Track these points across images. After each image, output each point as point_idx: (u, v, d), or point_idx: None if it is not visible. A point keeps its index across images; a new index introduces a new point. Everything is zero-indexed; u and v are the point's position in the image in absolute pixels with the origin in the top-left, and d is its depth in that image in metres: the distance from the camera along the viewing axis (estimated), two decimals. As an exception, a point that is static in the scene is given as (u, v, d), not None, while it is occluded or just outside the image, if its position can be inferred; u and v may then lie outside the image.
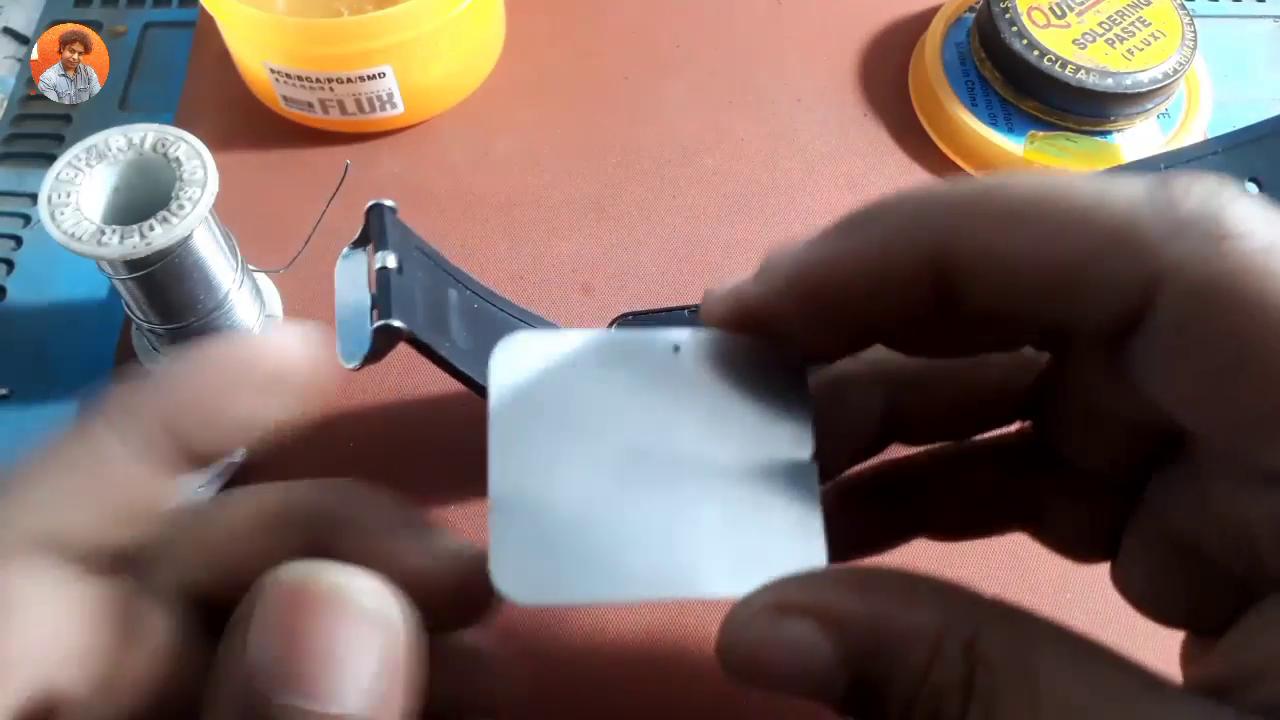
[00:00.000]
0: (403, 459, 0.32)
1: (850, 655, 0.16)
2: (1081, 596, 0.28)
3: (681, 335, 0.19)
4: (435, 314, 0.25)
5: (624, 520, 0.17)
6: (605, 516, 0.17)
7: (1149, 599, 0.20)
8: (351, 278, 0.25)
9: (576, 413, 0.18)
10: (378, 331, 0.23)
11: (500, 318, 0.29)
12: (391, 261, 0.24)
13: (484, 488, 0.17)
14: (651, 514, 0.17)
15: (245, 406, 0.16)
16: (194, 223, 0.29)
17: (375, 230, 0.25)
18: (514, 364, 0.18)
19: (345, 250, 0.25)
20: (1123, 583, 0.20)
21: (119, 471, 0.15)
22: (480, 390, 0.26)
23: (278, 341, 0.17)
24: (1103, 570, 0.21)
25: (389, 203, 0.26)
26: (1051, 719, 0.14)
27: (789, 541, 0.17)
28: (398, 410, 0.33)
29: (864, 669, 0.16)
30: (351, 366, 0.24)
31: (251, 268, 0.34)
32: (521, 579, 0.16)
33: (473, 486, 0.24)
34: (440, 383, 0.26)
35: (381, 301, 0.23)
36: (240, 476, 0.31)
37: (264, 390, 0.16)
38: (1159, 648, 0.18)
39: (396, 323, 0.23)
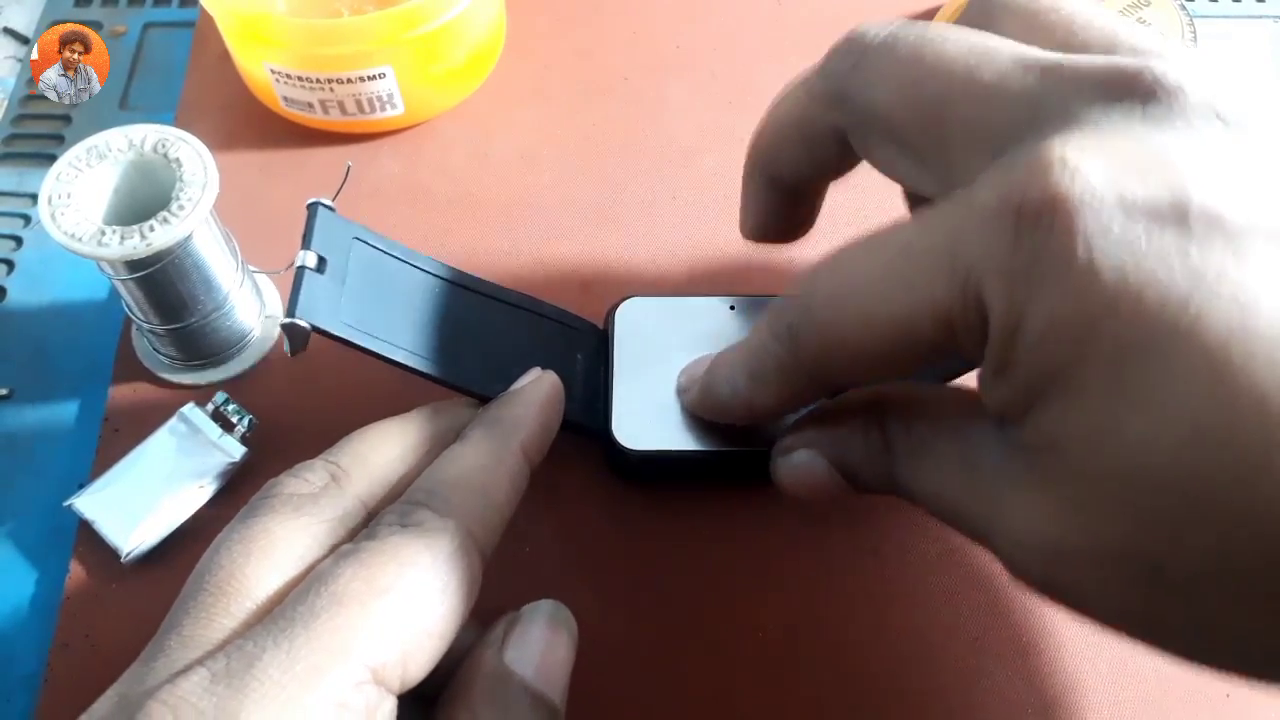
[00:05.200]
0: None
1: (830, 457, 0.25)
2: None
3: (735, 300, 0.32)
4: (366, 306, 0.27)
5: None
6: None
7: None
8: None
9: (661, 344, 0.31)
10: (283, 328, 0.25)
11: (465, 297, 0.30)
12: (310, 261, 0.26)
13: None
14: None
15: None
16: (194, 223, 0.29)
17: (305, 229, 0.27)
18: (626, 317, 0.32)
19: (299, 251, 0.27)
20: None
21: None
22: (418, 374, 0.28)
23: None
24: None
25: (326, 201, 0.28)
26: (916, 447, 0.23)
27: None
28: (395, 406, 0.33)
29: (840, 462, 0.25)
30: (289, 354, 0.26)
31: (251, 268, 0.34)
32: (632, 437, 0.29)
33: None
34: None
35: (290, 300, 0.26)
36: (240, 475, 0.31)
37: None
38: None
39: (300, 321, 0.25)
